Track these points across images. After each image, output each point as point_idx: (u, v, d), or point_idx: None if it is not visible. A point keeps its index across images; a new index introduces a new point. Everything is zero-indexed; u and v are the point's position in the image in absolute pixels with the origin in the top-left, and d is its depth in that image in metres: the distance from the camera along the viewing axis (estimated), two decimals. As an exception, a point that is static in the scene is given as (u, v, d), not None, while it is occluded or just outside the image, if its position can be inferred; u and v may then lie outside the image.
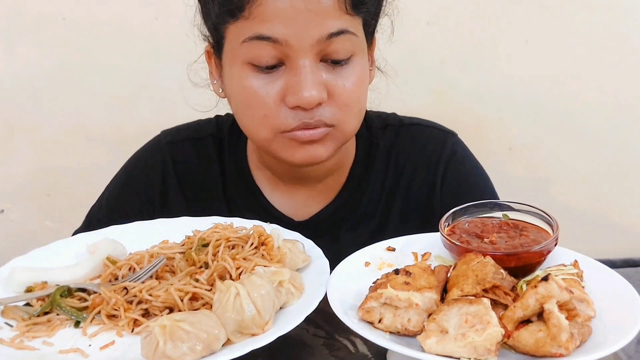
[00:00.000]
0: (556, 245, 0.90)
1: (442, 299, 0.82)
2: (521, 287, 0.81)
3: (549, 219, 0.93)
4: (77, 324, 0.88)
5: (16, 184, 2.09)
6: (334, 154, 1.10)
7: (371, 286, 0.85)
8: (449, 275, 0.86)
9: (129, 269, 0.98)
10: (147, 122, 1.57)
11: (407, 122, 1.29)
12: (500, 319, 0.74)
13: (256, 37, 0.99)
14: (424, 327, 0.75)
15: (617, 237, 2.25)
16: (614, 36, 2.01)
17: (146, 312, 0.88)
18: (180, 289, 0.87)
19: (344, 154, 1.22)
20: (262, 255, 0.94)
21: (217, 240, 0.97)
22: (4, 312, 0.89)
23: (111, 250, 1.01)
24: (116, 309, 0.88)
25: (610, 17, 2.00)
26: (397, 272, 0.83)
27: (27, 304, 0.92)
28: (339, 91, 1.03)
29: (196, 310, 0.85)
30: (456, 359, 0.72)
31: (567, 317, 0.72)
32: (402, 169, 1.25)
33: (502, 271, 0.83)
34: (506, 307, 0.77)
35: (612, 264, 0.88)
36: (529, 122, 2.11)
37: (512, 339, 0.73)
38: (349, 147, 1.24)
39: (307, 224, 1.23)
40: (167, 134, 1.32)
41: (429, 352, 0.72)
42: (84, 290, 0.93)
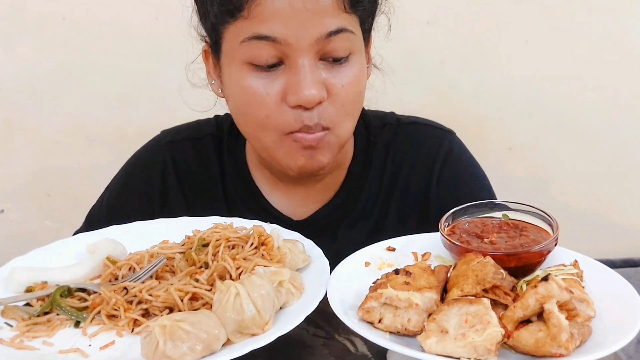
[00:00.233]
0: (556, 245, 0.90)
1: (442, 299, 0.82)
2: (521, 287, 0.81)
3: (549, 219, 0.93)
4: (77, 324, 0.88)
5: (16, 184, 2.09)
6: (332, 160, 1.10)
7: (371, 286, 0.85)
8: (449, 275, 0.86)
9: (129, 269, 0.98)
10: (147, 122, 1.56)
11: (405, 121, 1.29)
12: (500, 319, 0.74)
13: (255, 37, 0.99)
14: (424, 327, 0.75)
15: (617, 237, 2.25)
16: (614, 36, 2.01)
17: (146, 312, 0.88)
18: (180, 289, 0.87)
19: (341, 153, 1.22)
20: (262, 255, 0.94)
21: (217, 240, 0.97)
22: (4, 312, 0.89)
23: (111, 250, 1.01)
24: (116, 309, 0.88)
25: (610, 17, 2.00)
26: (397, 272, 0.83)
27: (27, 304, 0.92)
28: (338, 88, 1.04)
29: (196, 310, 0.85)
30: (456, 359, 0.72)
31: (567, 317, 0.72)
32: (400, 167, 1.25)
33: (502, 271, 0.83)
34: (506, 307, 0.77)
35: (612, 264, 0.88)
36: (529, 122, 2.11)
37: (512, 339, 0.73)
38: (347, 146, 1.24)
39: (306, 222, 1.23)
40: (167, 133, 1.32)
41: (429, 352, 0.72)
42: (84, 290, 0.93)
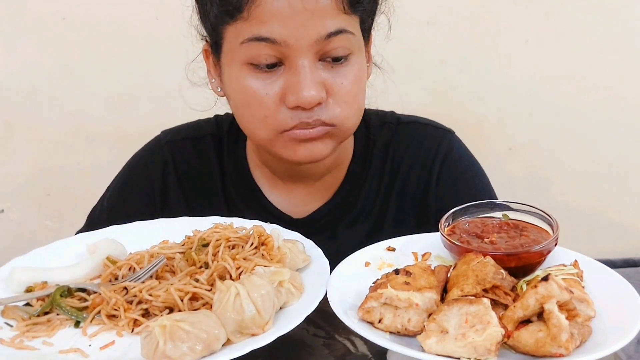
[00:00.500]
0: (556, 245, 0.90)
1: (442, 299, 0.82)
2: (521, 287, 0.81)
3: (549, 219, 0.93)
4: (77, 324, 0.88)
5: (16, 184, 2.09)
6: (334, 151, 1.11)
7: (371, 286, 0.85)
8: (449, 275, 0.86)
9: (129, 269, 0.98)
10: (147, 122, 1.56)
11: (404, 120, 1.30)
12: (500, 319, 0.74)
13: (255, 38, 1.00)
14: (424, 327, 0.75)
15: (617, 237, 2.25)
16: (614, 36, 2.01)
17: (146, 312, 0.88)
18: (180, 289, 0.87)
19: (342, 151, 1.22)
20: (262, 255, 0.95)
21: (217, 240, 0.97)
22: (4, 312, 0.89)
23: (111, 250, 1.01)
24: (116, 309, 0.88)
25: (610, 17, 2.00)
26: (397, 272, 0.83)
27: (27, 304, 0.92)
28: (337, 90, 1.04)
29: (196, 310, 0.85)
30: (456, 359, 0.72)
31: (567, 317, 0.72)
32: (399, 166, 1.25)
33: (502, 271, 0.83)
34: (506, 307, 0.77)
35: (612, 264, 0.88)
36: (529, 122, 2.11)
37: (512, 339, 0.73)
38: (347, 144, 1.24)
39: (306, 221, 1.24)
40: (167, 133, 1.33)
41: (429, 352, 0.72)
42: (84, 290, 0.93)
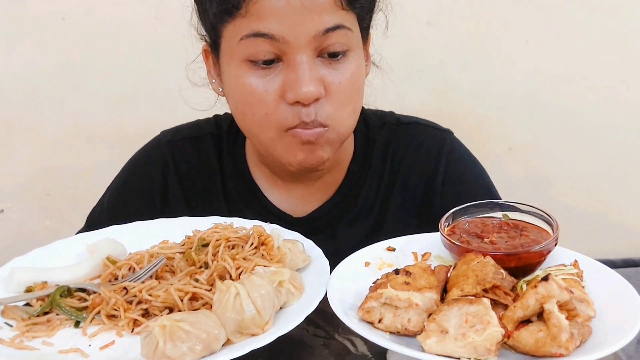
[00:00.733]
0: (556, 245, 0.90)
1: (442, 299, 0.82)
2: (521, 287, 0.81)
3: (549, 219, 0.93)
4: (77, 324, 0.88)
5: (16, 184, 2.08)
6: (332, 155, 1.11)
7: (371, 286, 0.85)
8: (449, 275, 0.86)
9: (129, 269, 0.97)
10: (147, 122, 1.57)
11: (405, 121, 1.30)
12: (500, 319, 0.74)
13: (253, 35, 1.00)
14: (424, 327, 0.75)
15: (617, 237, 2.25)
16: (614, 36, 2.01)
17: (146, 312, 0.88)
18: (180, 289, 0.87)
19: (341, 151, 1.22)
20: (262, 255, 0.94)
21: (217, 240, 0.97)
22: (4, 312, 0.89)
23: (111, 250, 1.01)
24: (116, 309, 0.88)
25: (610, 17, 2.00)
26: (397, 272, 0.83)
27: (27, 304, 0.92)
28: (335, 86, 1.04)
29: (196, 310, 0.85)
30: (456, 359, 0.72)
31: (567, 317, 0.72)
32: (400, 167, 1.26)
33: (502, 271, 0.83)
34: (506, 307, 0.77)
35: (612, 264, 0.88)
36: (529, 122, 2.11)
37: (512, 339, 0.73)
38: (347, 144, 1.24)
39: (305, 220, 1.24)
40: (166, 133, 1.33)
41: (429, 352, 0.72)
42: (83, 290, 0.93)
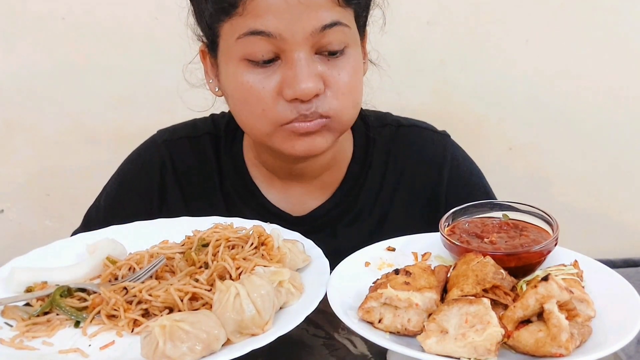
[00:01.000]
0: (556, 245, 0.90)
1: (442, 299, 0.82)
2: (521, 287, 0.81)
3: (549, 219, 0.93)
4: (77, 324, 0.88)
5: (16, 184, 2.08)
6: (332, 144, 1.11)
7: (371, 286, 0.85)
8: (449, 275, 0.86)
9: (129, 269, 0.98)
10: (147, 122, 1.56)
11: (405, 124, 1.30)
12: (500, 319, 0.74)
13: (251, 33, 1.00)
14: (424, 327, 0.75)
15: (617, 237, 2.25)
16: (614, 36, 2.01)
17: (146, 312, 0.88)
18: (180, 289, 0.87)
19: (339, 150, 1.23)
20: (262, 255, 0.95)
21: (217, 240, 0.97)
22: (4, 312, 0.89)
23: (111, 250, 1.01)
24: (116, 309, 0.88)
25: (610, 17, 1.99)
26: (397, 272, 0.83)
27: (27, 304, 0.92)
28: (334, 82, 1.04)
29: (196, 310, 0.85)
30: (456, 359, 0.72)
31: (567, 317, 0.72)
32: (401, 169, 1.26)
33: (502, 271, 0.83)
34: (506, 307, 0.77)
35: (612, 264, 0.88)
36: (529, 122, 2.11)
37: (512, 339, 0.73)
38: (346, 144, 1.25)
39: (305, 219, 1.24)
40: (163, 133, 1.32)
41: (429, 352, 0.72)
42: (83, 290, 0.93)
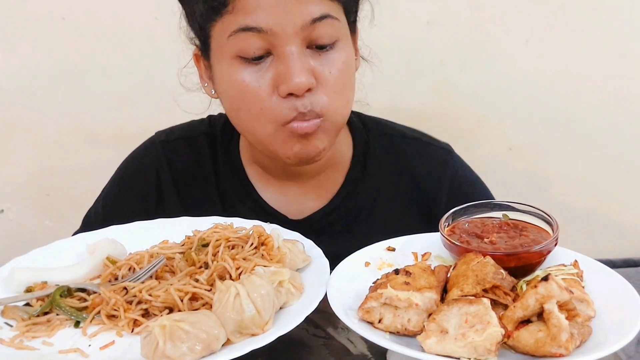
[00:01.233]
0: (556, 245, 0.90)
1: (442, 299, 0.82)
2: (521, 287, 0.81)
3: (549, 219, 0.93)
4: (77, 324, 0.88)
5: (16, 184, 2.08)
6: (329, 146, 1.11)
7: (371, 286, 0.85)
8: (449, 275, 0.86)
9: (129, 269, 0.98)
10: (147, 122, 1.56)
11: (408, 135, 1.31)
12: (500, 319, 0.74)
13: (241, 29, 1.00)
14: (424, 327, 0.75)
15: (617, 237, 2.25)
16: (614, 36, 2.01)
17: (146, 312, 0.88)
18: (180, 289, 0.87)
19: (337, 153, 1.22)
20: (262, 255, 0.95)
21: (217, 240, 0.97)
22: (4, 312, 0.89)
23: (111, 250, 1.01)
24: (116, 309, 0.88)
25: (610, 17, 1.99)
26: (397, 272, 0.83)
27: (27, 304, 0.92)
28: (326, 76, 1.04)
29: (196, 310, 0.85)
30: (456, 359, 0.72)
31: (567, 317, 0.72)
32: (401, 178, 1.26)
33: (502, 271, 0.83)
34: (506, 307, 0.77)
35: (612, 264, 0.88)
36: (529, 122, 2.11)
37: (512, 339, 0.73)
38: (344, 146, 1.25)
39: (302, 223, 1.23)
40: (160, 134, 1.33)
41: (429, 352, 0.72)
42: (83, 290, 0.93)
